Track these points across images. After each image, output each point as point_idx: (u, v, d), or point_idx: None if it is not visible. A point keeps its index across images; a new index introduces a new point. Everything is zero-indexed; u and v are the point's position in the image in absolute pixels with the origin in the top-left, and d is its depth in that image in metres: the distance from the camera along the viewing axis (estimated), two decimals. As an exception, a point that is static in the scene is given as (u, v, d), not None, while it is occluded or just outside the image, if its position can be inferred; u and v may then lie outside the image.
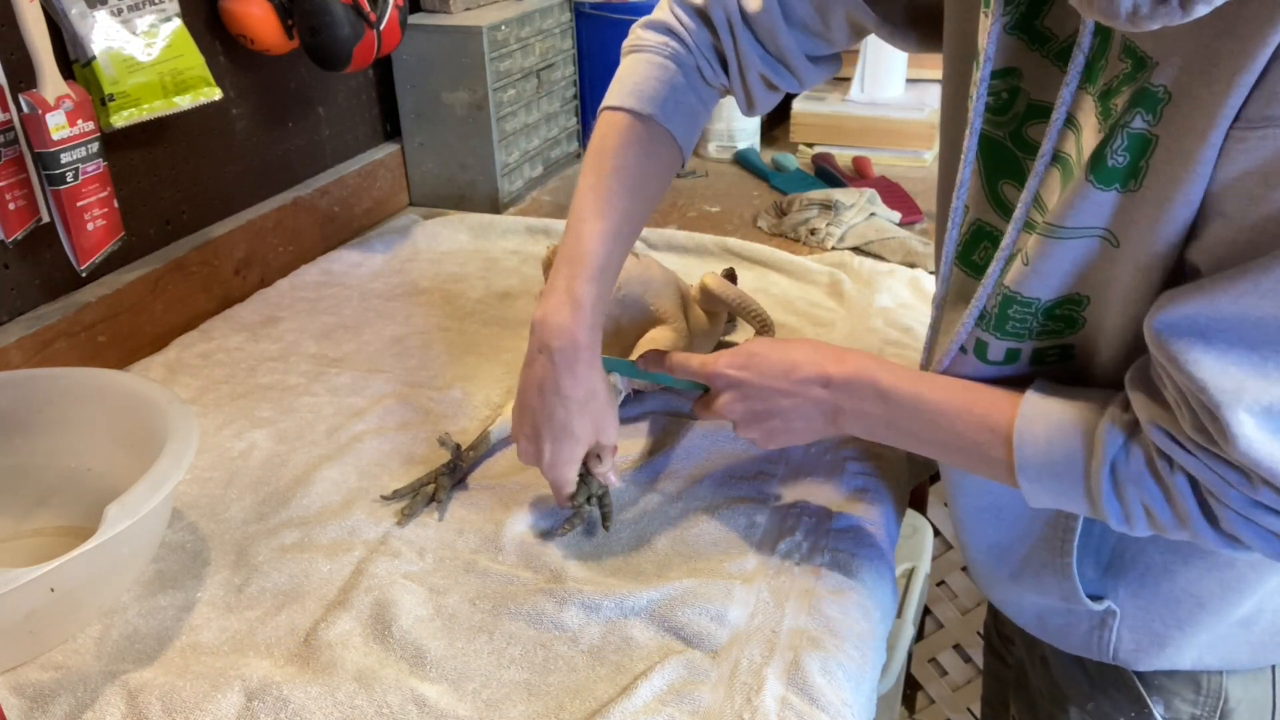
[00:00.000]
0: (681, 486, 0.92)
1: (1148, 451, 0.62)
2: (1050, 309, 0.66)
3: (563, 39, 1.69)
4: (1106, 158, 0.58)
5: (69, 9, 1.02)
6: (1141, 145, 0.57)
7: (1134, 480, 0.62)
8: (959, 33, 0.72)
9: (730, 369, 0.79)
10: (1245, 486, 0.58)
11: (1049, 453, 0.65)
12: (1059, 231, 0.62)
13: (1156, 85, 0.55)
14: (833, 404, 0.76)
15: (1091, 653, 0.79)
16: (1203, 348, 0.56)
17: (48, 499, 0.89)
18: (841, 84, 1.81)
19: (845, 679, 0.71)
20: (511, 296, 1.29)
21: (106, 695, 0.70)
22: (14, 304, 1.07)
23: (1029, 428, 0.66)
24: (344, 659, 0.73)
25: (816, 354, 0.77)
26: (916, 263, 1.33)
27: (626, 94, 0.82)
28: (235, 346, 1.17)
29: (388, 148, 1.59)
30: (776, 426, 0.79)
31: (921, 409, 0.72)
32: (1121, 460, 0.62)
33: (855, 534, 0.85)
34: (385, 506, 0.89)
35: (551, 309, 0.78)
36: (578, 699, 0.70)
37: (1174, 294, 0.58)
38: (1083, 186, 0.60)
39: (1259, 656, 0.76)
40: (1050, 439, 0.65)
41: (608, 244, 0.79)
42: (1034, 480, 0.67)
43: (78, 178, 1.02)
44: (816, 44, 0.84)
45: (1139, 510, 0.63)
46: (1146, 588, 0.74)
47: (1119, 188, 0.59)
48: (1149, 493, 0.62)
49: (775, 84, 0.86)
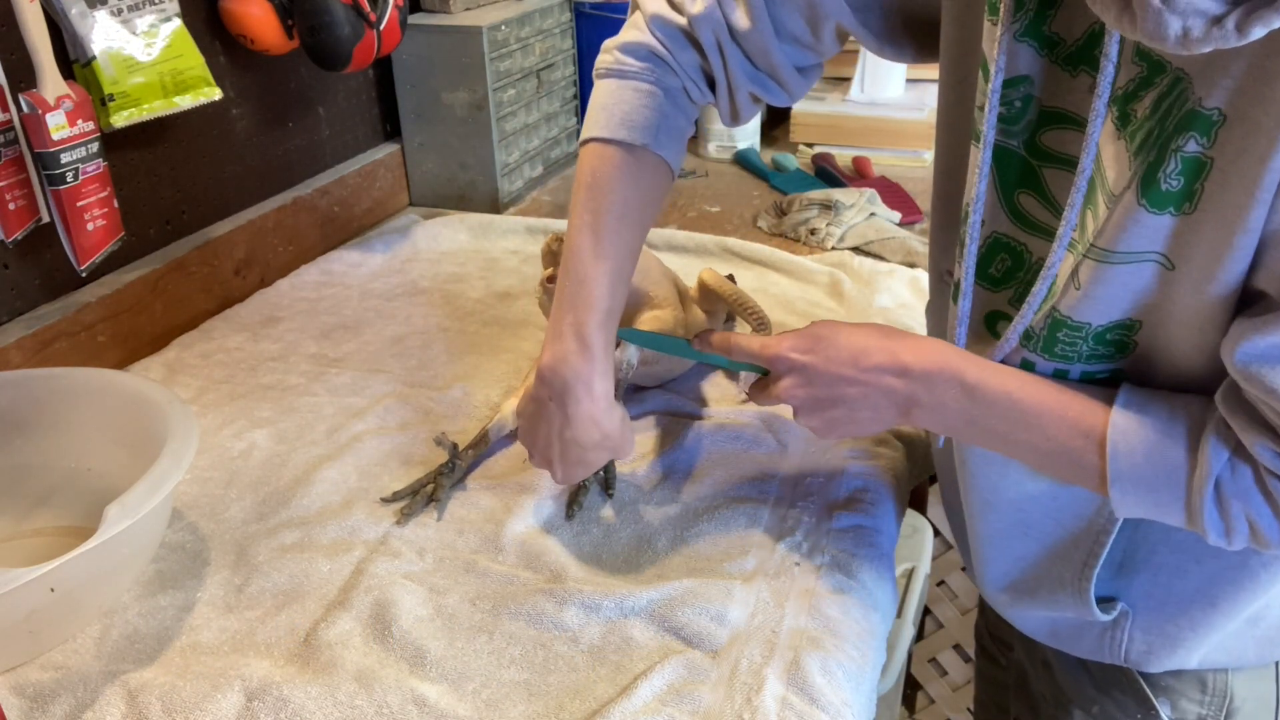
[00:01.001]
0: (681, 486, 0.92)
1: (1256, 467, 0.60)
2: (1101, 334, 0.65)
3: (563, 39, 1.69)
4: (1160, 182, 0.57)
5: (69, 9, 1.02)
6: (1196, 169, 0.55)
7: (1240, 495, 0.61)
8: (957, 41, 0.71)
9: (794, 352, 0.74)
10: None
11: (1147, 465, 0.63)
12: (1112, 256, 0.60)
13: (1210, 109, 0.54)
14: (907, 395, 0.70)
15: (1103, 655, 0.79)
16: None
17: (48, 499, 0.89)
18: (841, 84, 1.82)
19: (845, 679, 0.71)
20: (511, 296, 1.29)
21: (106, 695, 0.70)
22: (14, 304, 1.07)
23: (1124, 438, 0.63)
24: (344, 659, 0.73)
25: (889, 340, 0.71)
26: (916, 263, 1.33)
27: (616, 125, 0.78)
28: (235, 346, 1.17)
29: (388, 148, 1.59)
30: (840, 416, 0.74)
31: (1011, 408, 0.68)
32: (1227, 476, 0.61)
33: (855, 534, 0.85)
34: (385, 506, 0.90)
35: (560, 356, 0.75)
36: (578, 699, 0.70)
37: (1255, 324, 0.56)
38: (1134, 210, 0.58)
39: (1264, 653, 0.76)
40: (1149, 450, 0.63)
41: (612, 285, 0.77)
42: (1127, 491, 0.64)
43: (78, 178, 1.02)
44: (806, 55, 0.82)
45: (1242, 524, 0.62)
46: (1159, 587, 0.74)
47: (1173, 211, 0.57)
48: (1256, 508, 0.61)
49: (762, 98, 0.84)
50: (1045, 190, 0.67)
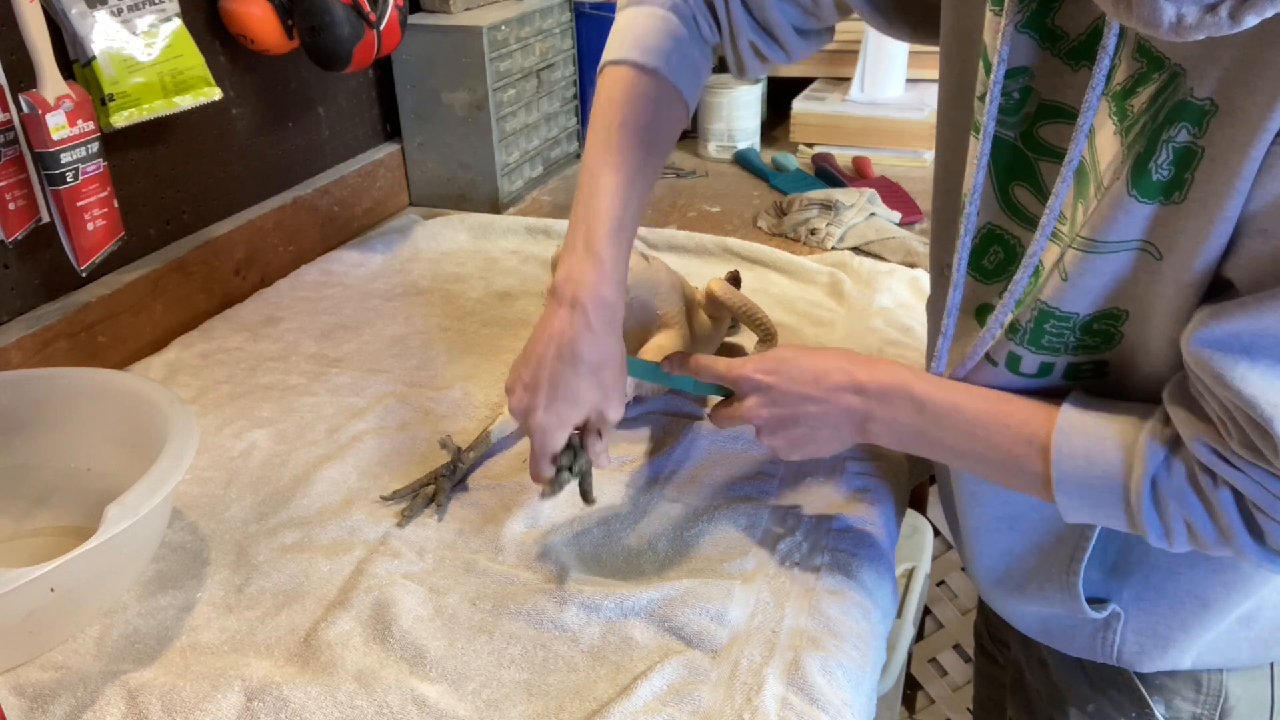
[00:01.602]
0: (682, 486, 0.92)
1: (1190, 466, 0.61)
2: (1088, 324, 0.65)
3: (563, 39, 1.69)
4: (1151, 172, 0.57)
5: (69, 9, 1.02)
6: (1186, 158, 0.56)
7: (1176, 495, 0.61)
8: (956, 31, 0.71)
9: (758, 373, 0.77)
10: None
11: (1088, 468, 0.64)
12: (1099, 246, 0.61)
13: (1202, 98, 0.54)
14: (864, 412, 0.73)
15: (1095, 655, 0.79)
16: (1248, 364, 0.55)
17: (48, 499, 0.89)
18: (841, 84, 1.82)
19: (845, 679, 0.71)
20: (511, 296, 1.29)
21: (106, 695, 0.70)
22: (14, 304, 1.07)
23: (1066, 442, 0.65)
24: (344, 659, 0.73)
25: (847, 361, 0.75)
26: (916, 263, 1.33)
27: (629, 47, 0.79)
28: (235, 346, 1.17)
29: (388, 148, 1.59)
30: (802, 435, 0.77)
31: (958, 420, 0.70)
32: (1163, 475, 0.61)
33: (855, 534, 0.85)
34: (385, 506, 0.90)
35: (574, 267, 0.75)
36: (578, 699, 0.70)
37: (1213, 310, 0.57)
38: (1123, 199, 0.59)
39: (1258, 654, 0.76)
40: (1089, 453, 0.64)
41: (623, 197, 0.76)
42: (1071, 495, 0.65)
43: (78, 178, 1.02)
44: (805, 19, 0.83)
45: (1180, 526, 0.62)
46: (1151, 589, 0.74)
47: (1162, 200, 0.58)
48: (1191, 508, 0.61)
49: (764, 54, 0.85)
50: (1040, 183, 0.67)
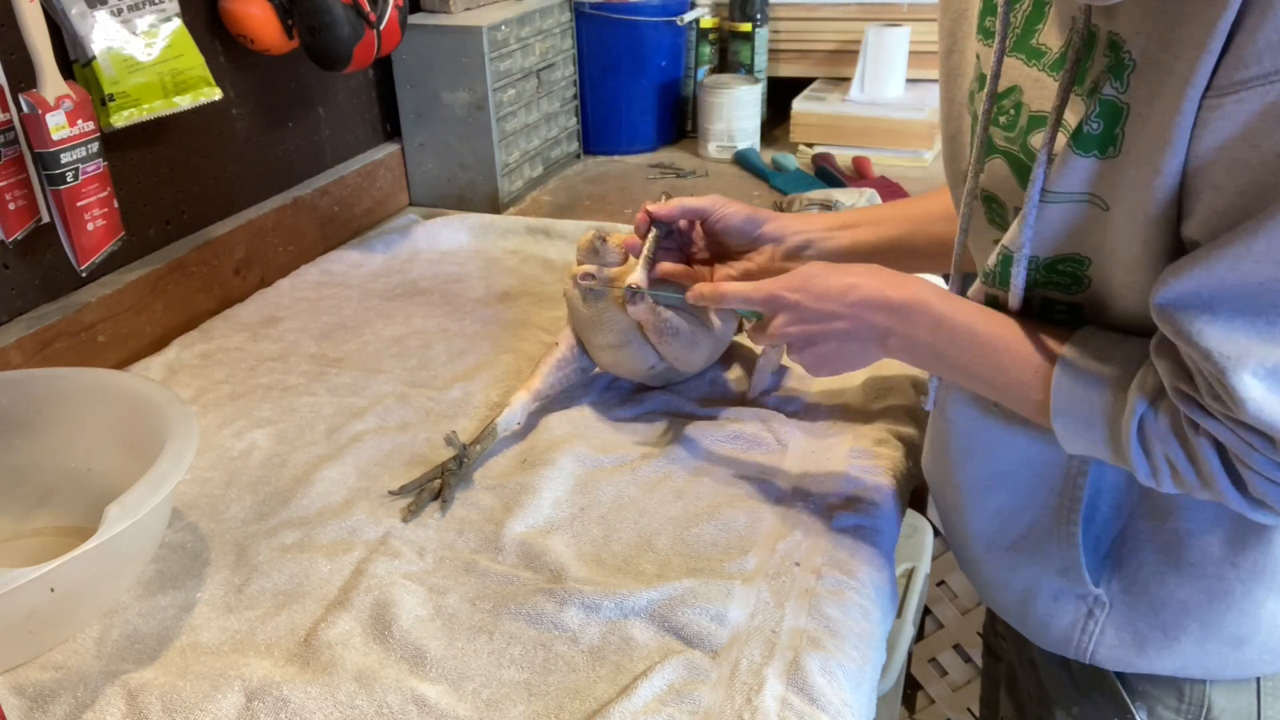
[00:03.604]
0: (681, 486, 0.91)
1: (1174, 413, 0.63)
2: (1051, 264, 0.68)
3: (563, 39, 1.69)
4: (1083, 126, 0.61)
5: (69, 9, 1.02)
6: (1114, 112, 0.59)
7: (1161, 439, 0.63)
8: (948, 53, 0.76)
9: (785, 291, 0.78)
10: (1269, 450, 0.59)
11: (1085, 403, 0.66)
12: (1050, 196, 0.65)
13: (1124, 51, 0.58)
14: (886, 328, 0.75)
15: (1069, 650, 0.79)
16: (1207, 318, 0.57)
17: (48, 499, 0.89)
18: (841, 84, 1.82)
19: (845, 679, 0.71)
20: (511, 296, 1.29)
21: (106, 695, 0.70)
22: (14, 304, 1.07)
23: (1067, 375, 0.67)
24: (344, 659, 0.73)
25: (874, 278, 0.76)
26: (916, 263, 1.32)
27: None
28: (235, 346, 1.17)
29: (388, 148, 1.59)
30: (830, 351, 0.78)
31: (972, 340, 0.72)
32: (1150, 419, 0.63)
33: (855, 534, 0.85)
34: (385, 506, 0.89)
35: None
36: (578, 699, 0.70)
37: (1174, 269, 0.59)
38: (1067, 154, 0.62)
39: (1243, 670, 0.76)
40: (1086, 390, 0.66)
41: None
42: (1067, 426, 0.68)
43: (78, 178, 1.02)
44: None
45: (1165, 467, 0.64)
46: (1137, 584, 0.75)
47: (1098, 154, 0.61)
48: (1175, 453, 0.63)
49: None
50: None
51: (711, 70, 1.93)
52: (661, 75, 1.82)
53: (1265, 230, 0.53)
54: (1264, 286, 0.55)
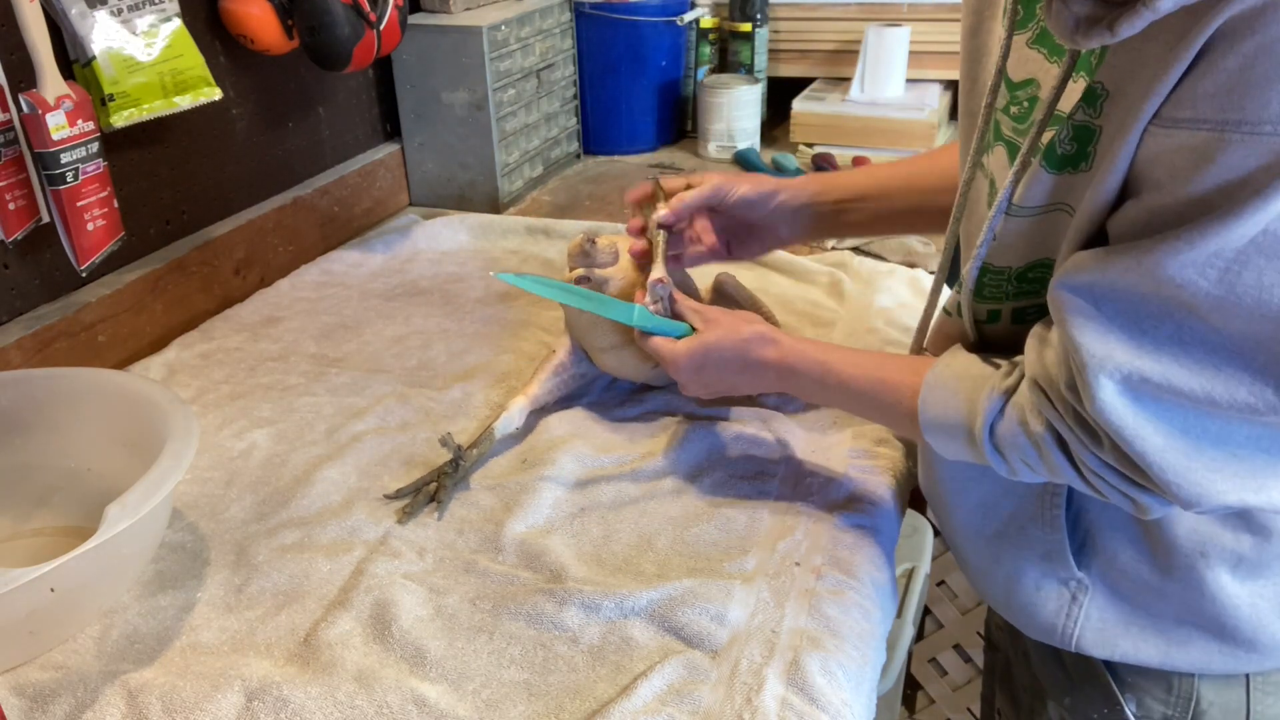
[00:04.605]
0: (681, 486, 0.92)
1: (1021, 413, 0.68)
2: (1023, 273, 0.72)
3: (563, 39, 1.69)
4: (1055, 146, 0.65)
5: (69, 9, 1.02)
6: (1086, 134, 0.63)
7: (1009, 438, 0.69)
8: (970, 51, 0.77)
9: (689, 371, 0.88)
10: (1094, 445, 0.64)
11: (945, 415, 0.74)
12: (1020, 210, 0.69)
13: (1096, 82, 0.62)
14: (776, 380, 0.87)
15: (1055, 636, 0.79)
16: (1091, 313, 0.61)
17: (48, 499, 0.89)
18: (841, 84, 1.81)
19: (845, 679, 0.71)
20: (511, 296, 1.29)
21: (106, 695, 0.70)
22: (14, 304, 1.07)
23: (930, 394, 0.75)
24: (344, 659, 0.73)
25: (761, 345, 0.86)
26: (916, 263, 1.33)
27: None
28: (235, 346, 1.17)
29: (388, 148, 1.59)
30: (724, 390, 0.90)
31: (850, 389, 0.83)
32: (998, 421, 0.70)
33: (855, 534, 0.85)
34: (385, 506, 0.90)
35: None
36: (578, 699, 0.70)
37: (1078, 259, 0.63)
38: (1037, 172, 0.66)
39: (1231, 665, 0.76)
40: (945, 404, 0.74)
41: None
42: (936, 438, 0.76)
43: (78, 178, 1.02)
44: None
45: (1018, 463, 0.70)
46: (1116, 569, 0.76)
47: (1071, 170, 0.65)
48: (1024, 450, 0.69)
49: None
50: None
51: (711, 70, 1.93)
52: (661, 75, 1.82)
53: (1157, 251, 0.57)
54: (1145, 299, 0.59)
